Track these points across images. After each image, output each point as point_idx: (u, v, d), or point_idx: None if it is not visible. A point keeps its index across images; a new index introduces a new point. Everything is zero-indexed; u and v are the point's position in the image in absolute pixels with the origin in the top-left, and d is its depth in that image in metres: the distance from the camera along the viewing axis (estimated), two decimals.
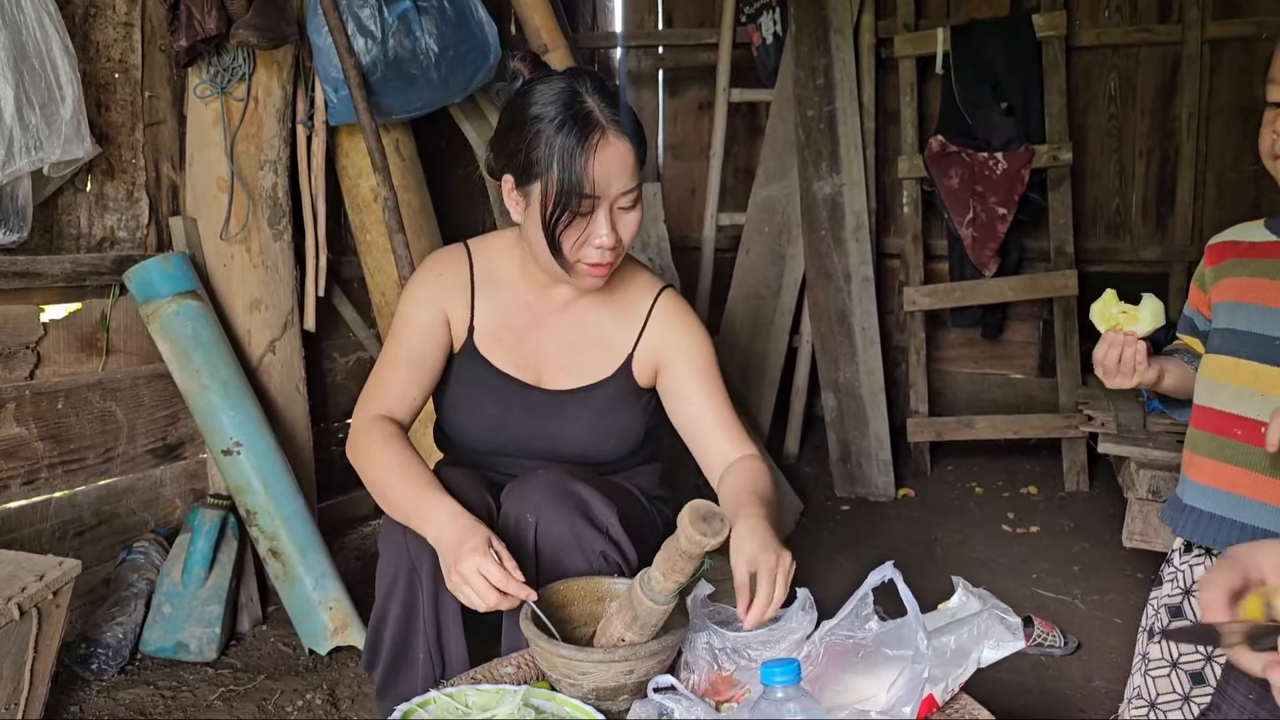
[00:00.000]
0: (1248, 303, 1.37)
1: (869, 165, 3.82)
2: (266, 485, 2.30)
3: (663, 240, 2.97)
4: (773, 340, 3.82)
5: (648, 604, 1.26)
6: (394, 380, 1.66)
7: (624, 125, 1.50)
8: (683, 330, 1.70)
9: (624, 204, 1.53)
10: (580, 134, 1.47)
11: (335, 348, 3.04)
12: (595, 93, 1.51)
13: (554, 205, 1.49)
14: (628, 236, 1.56)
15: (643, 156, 1.56)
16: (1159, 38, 3.88)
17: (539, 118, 1.50)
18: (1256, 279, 1.38)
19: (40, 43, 1.90)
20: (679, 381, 1.68)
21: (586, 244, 1.53)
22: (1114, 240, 4.09)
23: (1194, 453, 1.40)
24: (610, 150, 1.49)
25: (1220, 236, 1.50)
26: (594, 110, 1.49)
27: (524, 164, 1.52)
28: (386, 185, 2.47)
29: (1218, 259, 1.46)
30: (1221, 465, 1.35)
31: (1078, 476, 3.67)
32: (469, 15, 2.59)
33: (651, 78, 4.67)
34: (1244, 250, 1.43)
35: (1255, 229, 1.44)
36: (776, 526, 1.44)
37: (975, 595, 1.39)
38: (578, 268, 1.56)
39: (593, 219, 1.51)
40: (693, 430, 1.67)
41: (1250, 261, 1.41)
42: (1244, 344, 1.34)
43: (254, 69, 2.42)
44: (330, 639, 2.27)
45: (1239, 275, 1.41)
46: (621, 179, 1.51)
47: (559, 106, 1.49)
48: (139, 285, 2.26)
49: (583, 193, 1.47)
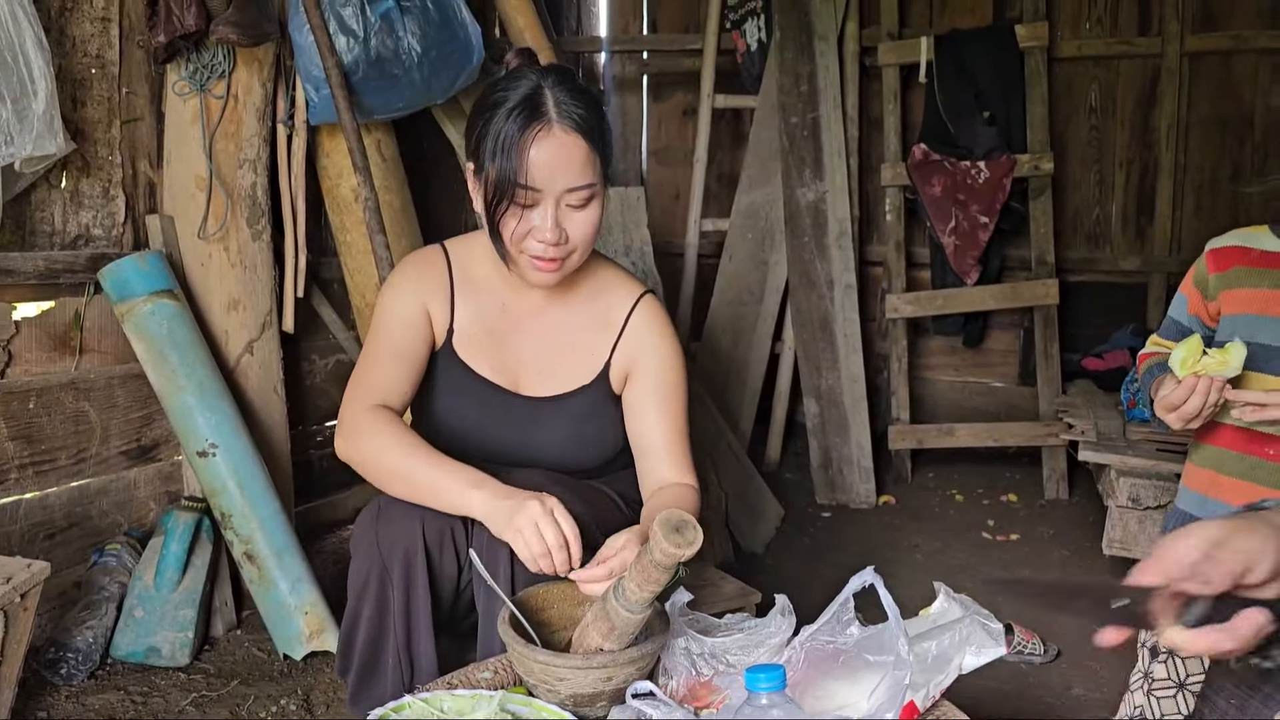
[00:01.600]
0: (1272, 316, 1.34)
1: (852, 172, 3.83)
2: (242, 487, 2.27)
3: (645, 244, 2.96)
4: (755, 346, 3.82)
5: (624, 614, 1.24)
6: (382, 373, 1.62)
7: (578, 121, 1.48)
8: (655, 343, 1.69)
9: (573, 201, 1.51)
10: (524, 122, 1.47)
11: (314, 349, 3.00)
12: (558, 87, 1.50)
13: (493, 192, 1.49)
14: (577, 236, 1.53)
15: (603, 156, 1.54)
16: (1139, 50, 3.92)
17: (495, 104, 1.50)
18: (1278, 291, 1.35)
19: (13, 36, 1.87)
20: (639, 395, 1.67)
21: (529, 237, 1.51)
22: (1094, 250, 4.11)
23: (1219, 472, 1.35)
24: (553, 143, 1.47)
25: (1224, 240, 1.46)
26: (546, 102, 1.48)
27: (476, 149, 1.53)
28: (367, 186, 2.45)
29: (1224, 265, 1.42)
30: (1252, 486, 1.31)
31: (1057, 484, 3.68)
32: (452, 16, 2.57)
33: (636, 82, 4.66)
34: (1256, 259, 1.39)
35: (1264, 236, 1.41)
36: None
37: (957, 601, 1.38)
38: (522, 260, 1.55)
39: (536, 211, 1.50)
40: (640, 445, 1.67)
41: (1266, 272, 1.37)
42: (1271, 360, 1.32)
43: (234, 66, 2.39)
44: (306, 644, 2.24)
45: (1257, 287, 1.37)
46: (567, 175, 1.49)
47: (516, 96, 1.49)
48: (114, 283, 2.23)
49: (518, 181, 1.46)
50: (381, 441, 1.53)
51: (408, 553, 1.51)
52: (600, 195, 1.55)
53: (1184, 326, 1.50)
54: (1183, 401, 1.29)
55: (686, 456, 1.66)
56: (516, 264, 1.56)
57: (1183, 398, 1.29)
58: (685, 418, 1.70)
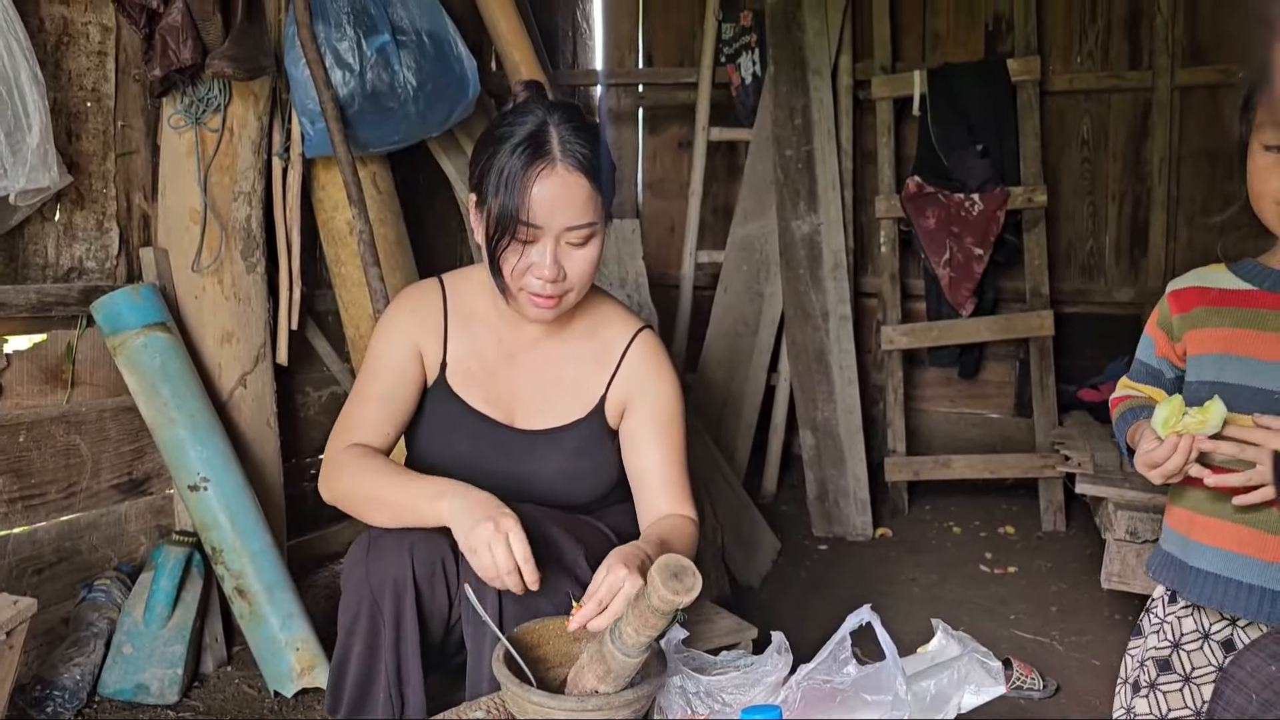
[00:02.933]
0: (1237, 355, 1.34)
1: (847, 205, 3.84)
2: (233, 522, 2.25)
3: (641, 276, 2.96)
4: (751, 378, 3.81)
5: (620, 658, 1.23)
6: (367, 415, 1.65)
7: (581, 161, 1.49)
8: (653, 377, 1.69)
9: (573, 240, 1.52)
10: (528, 160, 1.47)
11: (309, 382, 2.99)
12: (564, 124, 1.51)
13: (495, 227, 1.50)
14: (576, 274, 1.54)
15: (605, 195, 1.54)
16: (1130, 84, 3.95)
17: (501, 139, 1.51)
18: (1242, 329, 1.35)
19: (8, 69, 1.87)
20: (637, 429, 1.67)
21: (528, 273, 1.52)
22: (1088, 282, 4.12)
23: (1196, 512, 1.36)
24: (556, 181, 1.48)
25: (1183, 281, 1.47)
26: (551, 140, 1.49)
27: (479, 184, 1.53)
28: (362, 218, 2.45)
29: (1186, 306, 1.43)
30: (1226, 524, 1.31)
31: (1055, 516, 3.66)
32: (448, 50, 2.59)
33: (632, 115, 4.69)
34: (1215, 298, 1.40)
35: (1220, 275, 1.42)
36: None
37: (955, 639, 1.37)
38: (521, 296, 1.55)
39: (536, 248, 1.51)
40: (639, 480, 1.67)
41: (1228, 311, 1.38)
42: (1239, 398, 1.32)
43: (229, 100, 2.40)
44: (297, 680, 2.21)
45: (1220, 326, 1.38)
46: (567, 213, 1.49)
47: (522, 132, 1.50)
48: (106, 316, 2.22)
49: (519, 218, 1.47)
50: (355, 474, 1.54)
51: (397, 586, 1.50)
52: (600, 234, 1.56)
53: (1153, 368, 1.50)
54: (1165, 460, 1.29)
55: (686, 489, 1.66)
56: (515, 299, 1.57)
57: (1165, 456, 1.29)
58: (684, 451, 1.69)
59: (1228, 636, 1.32)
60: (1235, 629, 1.31)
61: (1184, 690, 1.35)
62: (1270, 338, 1.33)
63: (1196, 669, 1.34)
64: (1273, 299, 1.36)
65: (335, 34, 2.44)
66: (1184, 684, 1.35)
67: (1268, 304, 1.35)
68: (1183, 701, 1.35)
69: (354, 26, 2.44)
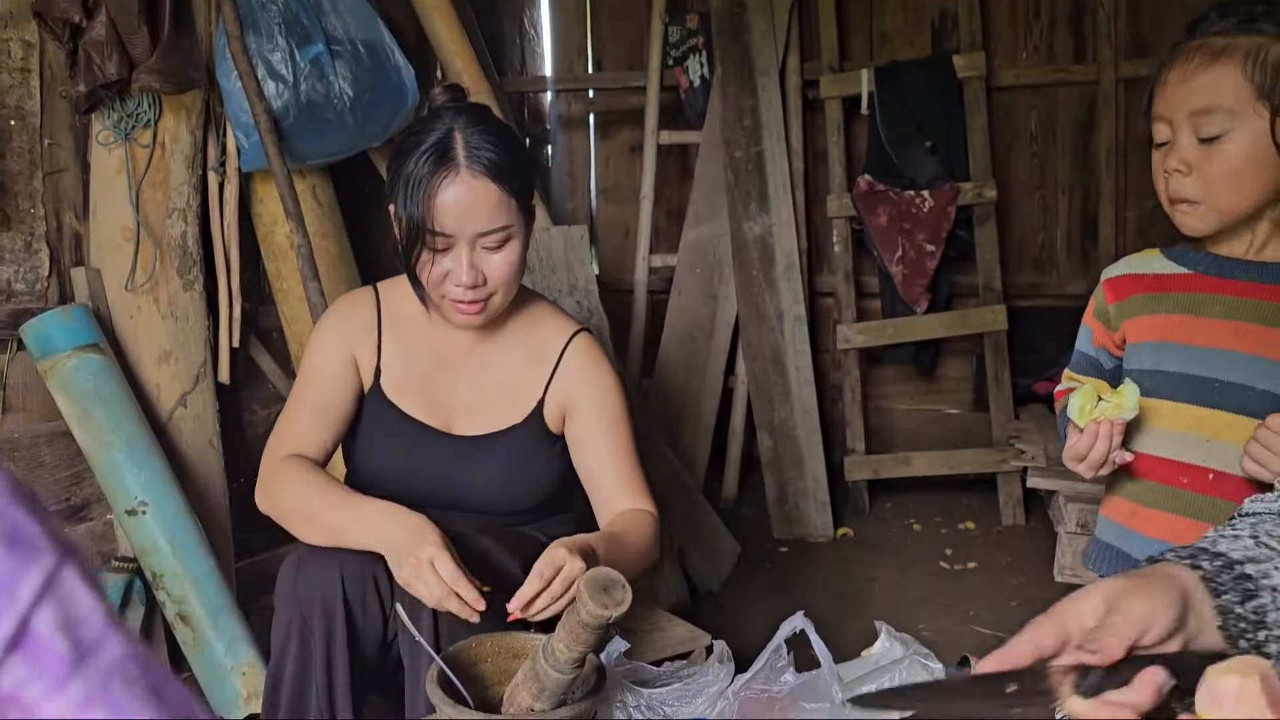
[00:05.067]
0: (1176, 342, 1.33)
1: (799, 205, 3.84)
2: (174, 546, 2.19)
3: (590, 283, 2.93)
4: (707, 382, 3.79)
5: (554, 674, 1.20)
6: (303, 425, 1.62)
7: (488, 166, 1.47)
8: (593, 377, 1.67)
9: (488, 244, 1.50)
10: (431, 169, 1.46)
11: (255, 400, 2.93)
12: (471, 128, 1.49)
13: (404, 237, 1.49)
14: (497, 277, 1.52)
15: (518, 196, 1.52)
16: (1075, 77, 3.98)
17: (408, 148, 1.49)
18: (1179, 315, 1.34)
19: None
20: (584, 429, 1.65)
21: (446, 280, 1.51)
22: (1040, 275, 4.14)
23: (1139, 503, 1.34)
24: (461, 188, 1.46)
25: (1116, 269, 1.45)
26: (455, 147, 1.47)
27: (390, 191, 1.52)
28: (300, 231, 2.40)
29: (1122, 294, 1.42)
30: (1172, 516, 1.30)
31: (1014, 510, 3.67)
32: (385, 59, 2.55)
33: (583, 121, 4.67)
34: (1150, 284, 1.39)
35: (1154, 260, 1.40)
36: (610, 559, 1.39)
37: (898, 640, 1.35)
38: (444, 304, 1.54)
39: (450, 255, 1.49)
40: (592, 480, 1.66)
41: (1163, 296, 1.37)
42: (1179, 387, 1.31)
43: (160, 115, 2.35)
44: (244, 707, 2.16)
45: (1156, 312, 1.37)
46: (477, 219, 1.48)
47: (428, 139, 1.48)
48: (35, 340, 2.16)
49: (428, 227, 1.46)
50: (290, 488, 1.52)
51: (326, 605, 1.47)
52: (520, 235, 1.54)
53: (1091, 358, 1.49)
54: (1088, 449, 1.29)
55: (641, 483, 1.65)
56: (439, 307, 1.55)
57: (1088, 445, 1.29)
58: (634, 446, 1.68)
59: None
60: None
61: None
62: (1208, 323, 1.31)
63: None
64: (1210, 283, 1.34)
65: (267, 45, 2.39)
66: None
67: (1205, 288, 1.34)
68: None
69: (286, 37, 2.39)
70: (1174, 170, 1.27)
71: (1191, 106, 1.24)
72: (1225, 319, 1.30)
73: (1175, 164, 1.27)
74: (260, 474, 1.58)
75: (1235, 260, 1.32)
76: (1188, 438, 1.29)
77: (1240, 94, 1.20)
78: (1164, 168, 1.29)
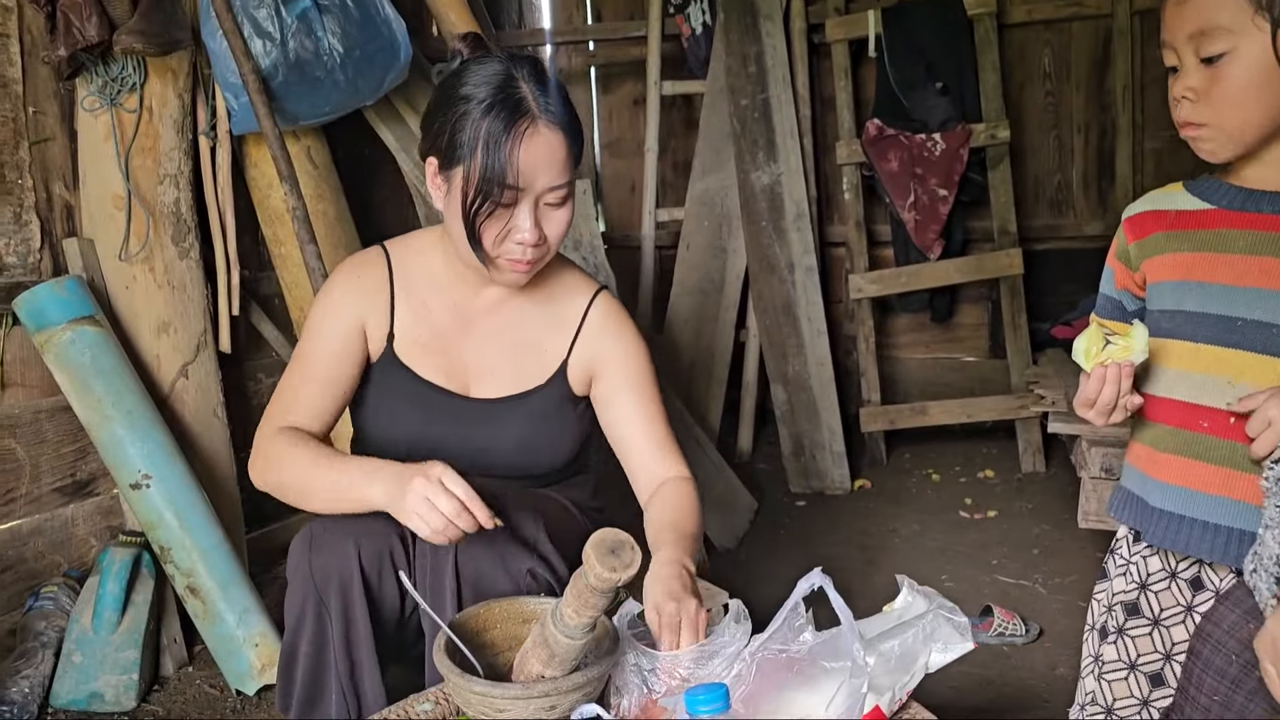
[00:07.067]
0: (1197, 280, 1.26)
1: (807, 153, 3.75)
2: (180, 518, 2.16)
3: (595, 239, 2.86)
4: (719, 336, 3.73)
5: (563, 640, 1.16)
6: (304, 395, 1.55)
7: (558, 116, 1.41)
8: (619, 338, 1.62)
9: (551, 200, 1.44)
10: (509, 119, 1.38)
11: (259, 368, 2.89)
12: (531, 79, 1.42)
13: (475, 193, 1.40)
14: (554, 235, 1.47)
15: (577, 153, 1.47)
16: (1089, 11, 3.85)
17: (468, 98, 1.40)
18: (1202, 253, 1.26)
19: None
20: (612, 392, 1.61)
21: (508, 238, 1.44)
22: (1057, 217, 4.04)
23: (1155, 449, 1.28)
24: (539, 140, 1.39)
25: (1137, 206, 1.38)
26: (527, 96, 1.40)
27: (447, 147, 1.42)
28: (295, 195, 2.34)
29: (1142, 232, 1.34)
30: (1190, 462, 1.24)
31: (1033, 457, 3.61)
32: (375, 13, 2.47)
33: (584, 75, 4.57)
34: (1172, 221, 1.31)
35: (1177, 195, 1.33)
36: (695, 559, 1.37)
37: (921, 594, 1.30)
38: (499, 262, 1.47)
39: (516, 212, 1.43)
40: (624, 445, 1.61)
41: (1186, 234, 1.29)
42: (1200, 327, 1.24)
43: (146, 78, 2.28)
44: (258, 678, 2.14)
45: (1179, 250, 1.29)
46: (550, 173, 1.41)
47: (490, 89, 1.40)
48: (29, 313, 2.12)
49: (505, 182, 1.38)
50: (286, 461, 1.47)
51: (343, 581, 1.43)
52: (573, 193, 1.49)
53: (1115, 301, 1.42)
54: (1096, 394, 1.23)
55: (674, 445, 1.61)
56: (495, 267, 1.48)
57: (1096, 390, 1.23)
58: (663, 407, 1.64)
59: (1195, 574, 1.26)
60: (1203, 567, 1.25)
61: (1153, 634, 1.29)
62: (1233, 260, 1.24)
63: (1165, 610, 1.28)
64: (1236, 218, 1.26)
65: (253, 1, 2.31)
66: (1153, 627, 1.29)
67: (1230, 223, 1.26)
68: (1151, 646, 1.29)
69: None
70: (1182, 97, 1.21)
71: (1191, 28, 1.18)
72: (1250, 254, 1.23)
73: (1182, 90, 1.21)
74: (254, 450, 1.52)
75: (1262, 193, 1.24)
76: (1209, 379, 1.23)
77: (1238, 8, 1.14)
78: (1174, 94, 1.23)
